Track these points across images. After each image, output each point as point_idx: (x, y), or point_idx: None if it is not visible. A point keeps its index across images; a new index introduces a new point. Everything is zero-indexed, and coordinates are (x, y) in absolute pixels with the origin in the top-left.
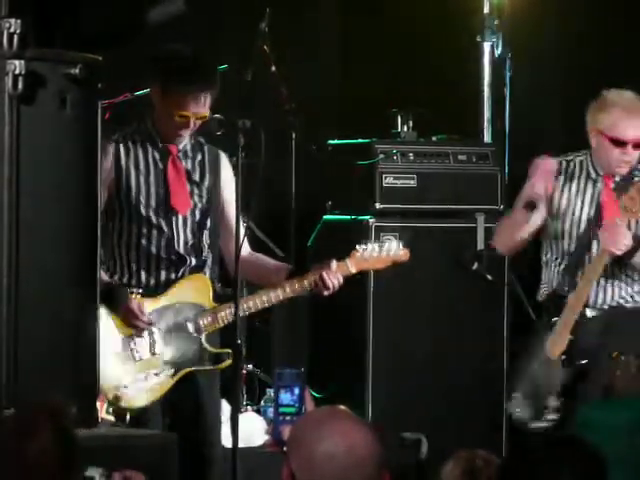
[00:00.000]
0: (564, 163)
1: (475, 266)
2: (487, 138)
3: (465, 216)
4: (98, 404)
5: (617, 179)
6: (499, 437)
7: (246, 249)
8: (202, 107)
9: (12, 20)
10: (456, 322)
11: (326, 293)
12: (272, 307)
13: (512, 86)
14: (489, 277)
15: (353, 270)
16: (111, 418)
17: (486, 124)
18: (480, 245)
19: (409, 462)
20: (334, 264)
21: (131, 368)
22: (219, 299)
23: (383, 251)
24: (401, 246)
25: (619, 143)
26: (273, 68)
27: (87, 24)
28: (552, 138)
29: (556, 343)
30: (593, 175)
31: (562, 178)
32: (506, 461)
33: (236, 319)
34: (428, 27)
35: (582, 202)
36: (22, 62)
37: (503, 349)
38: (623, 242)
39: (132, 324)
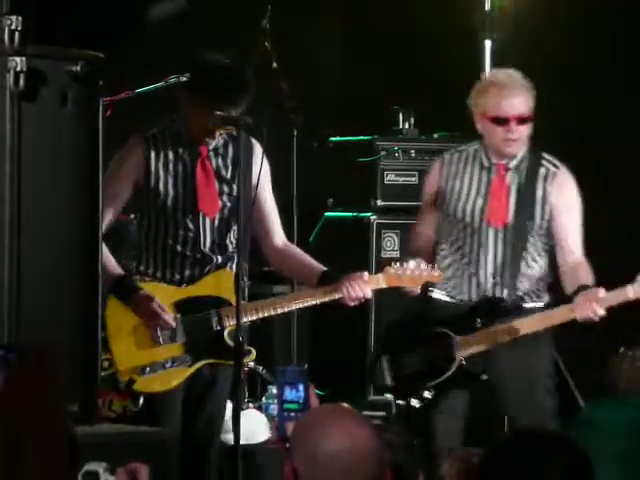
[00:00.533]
0: (455, 155)
1: None
2: None
3: None
4: (100, 401)
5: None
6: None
7: (282, 239)
8: (229, 123)
9: (13, 17)
10: None
11: (351, 304)
12: None
13: None
14: None
15: (383, 285)
16: (112, 415)
17: None
18: None
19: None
20: (366, 276)
21: (151, 353)
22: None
23: (416, 271)
24: (435, 268)
25: (501, 121)
26: (274, 65)
27: (88, 21)
28: (552, 135)
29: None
30: (486, 163)
31: (453, 169)
32: (487, 457)
33: (238, 318)
34: (429, 24)
35: (473, 191)
36: (23, 59)
37: None
38: (597, 314)
39: (144, 313)
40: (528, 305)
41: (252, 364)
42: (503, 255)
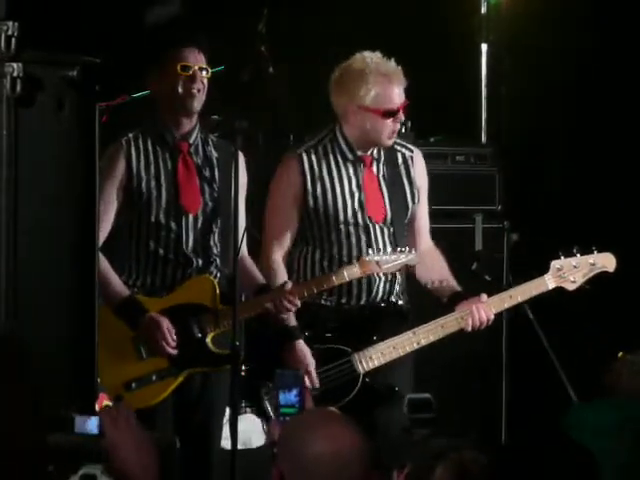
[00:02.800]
0: (312, 150)
1: (474, 266)
2: (485, 139)
3: (463, 217)
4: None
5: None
6: (497, 437)
7: (242, 252)
8: (201, 60)
9: (9, 23)
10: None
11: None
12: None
13: (510, 87)
14: (487, 278)
15: (359, 274)
16: None
17: (484, 125)
18: (478, 246)
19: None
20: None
21: (137, 367)
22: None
23: (393, 255)
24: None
25: (392, 113)
26: (271, 69)
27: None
28: (550, 138)
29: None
30: (350, 156)
31: (316, 166)
32: (496, 459)
33: (234, 322)
34: (426, 28)
35: (346, 187)
36: (20, 65)
37: (502, 349)
38: (490, 319)
39: (153, 338)
40: (404, 306)
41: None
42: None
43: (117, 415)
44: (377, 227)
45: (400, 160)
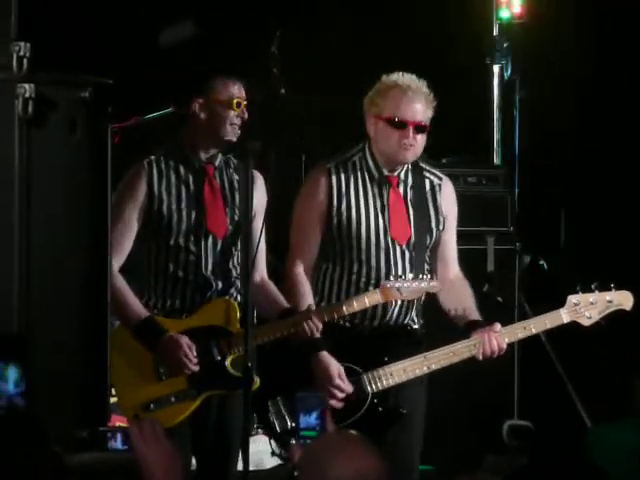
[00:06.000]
0: (341, 165)
1: (485, 288)
2: (497, 160)
3: (475, 238)
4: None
5: None
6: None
7: (261, 274)
8: (243, 95)
9: (22, 43)
10: None
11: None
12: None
13: (522, 108)
14: (499, 299)
15: (382, 301)
16: None
17: (496, 146)
18: (490, 267)
19: None
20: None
21: (155, 388)
22: None
23: (414, 282)
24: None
25: (399, 124)
26: (282, 91)
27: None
28: (563, 159)
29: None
30: (376, 175)
31: (343, 183)
32: None
33: (247, 344)
34: (438, 49)
35: (371, 206)
36: (32, 86)
37: (514, 370)
38: (502, 349)
39: (174, 357)
40: (418, 330)
41: None
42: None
43: (145, 428)
44: (398, 249)
45: (428, 186)
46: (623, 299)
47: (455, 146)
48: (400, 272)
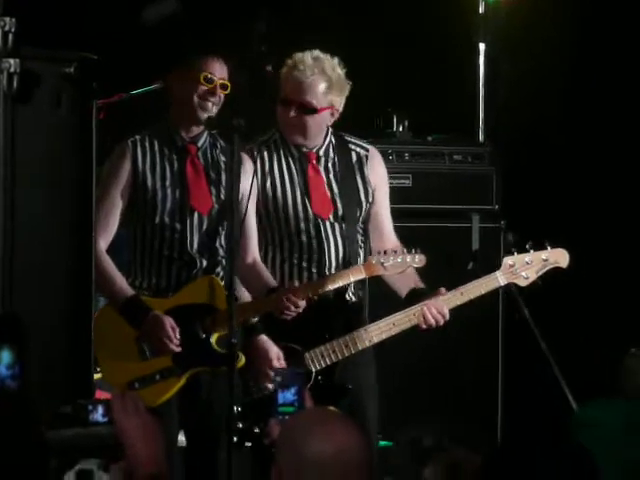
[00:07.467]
0: (264, 147)
1: (470, 266)
2: (482, 138)
3: (460, 216)
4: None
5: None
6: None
7: (253, 256)
8: (224, 75)
9: (7, 19)
10: (451, 320)
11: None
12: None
13: (507, 86)
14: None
15: (363, 276)
16: None
17: (481, 124)
18: (475, 245)
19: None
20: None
21: (140, 367)
22: None
23: (399, 257)
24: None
25: (283, 102)
26: (269, 68)
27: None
28: (548, 138)
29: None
30: (295, 153)
31: (267, 164)
32: (490, 459)
33: (231, 320)
34: (424, 28)
35: (295, 185)
36: (17, 61)
37: (498, 347)
38: (446, 317)
39: (156, 337)
40: (356, 302)
41: None
42: (344, 250)
43: (126, 401)
44: (328, 224)
45: (354, 158)
46: (559, 257)
47: (440, 124)
48: (332, 246)
